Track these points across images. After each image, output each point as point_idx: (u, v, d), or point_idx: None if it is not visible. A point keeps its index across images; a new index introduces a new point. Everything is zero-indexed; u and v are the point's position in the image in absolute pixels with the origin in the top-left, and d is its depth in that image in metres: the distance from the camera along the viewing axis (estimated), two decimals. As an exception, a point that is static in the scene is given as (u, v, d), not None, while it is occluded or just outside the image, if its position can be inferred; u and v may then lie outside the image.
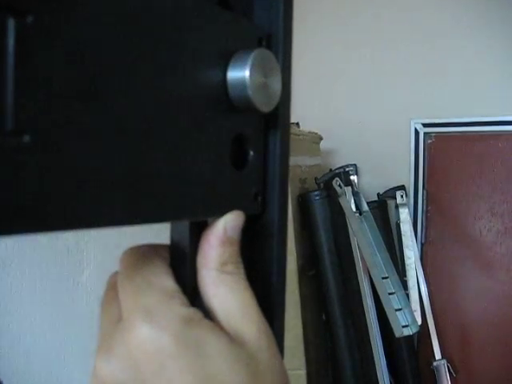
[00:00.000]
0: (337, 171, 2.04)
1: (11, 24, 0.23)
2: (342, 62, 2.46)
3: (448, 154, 2.22)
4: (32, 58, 0.24)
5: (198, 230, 0.37)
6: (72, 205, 0.27)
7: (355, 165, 2.20)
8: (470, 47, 2.24)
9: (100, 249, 1.19)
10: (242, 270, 0.37)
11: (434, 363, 2.14)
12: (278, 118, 0.41)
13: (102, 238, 1.22)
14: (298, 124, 2.06)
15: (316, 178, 1.93)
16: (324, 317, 1.91)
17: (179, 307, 0.33)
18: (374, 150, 2.30)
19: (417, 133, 2.24)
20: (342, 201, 1.79)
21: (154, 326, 0.32)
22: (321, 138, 2.20)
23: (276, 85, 0.39)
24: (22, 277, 1.06)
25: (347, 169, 2.06)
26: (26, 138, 0.24)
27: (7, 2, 0.23)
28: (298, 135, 1.91)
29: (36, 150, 0.24)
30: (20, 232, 0.24)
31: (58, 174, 0.26)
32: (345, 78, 2.44)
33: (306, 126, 2.07)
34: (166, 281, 0.35)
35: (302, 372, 1.73)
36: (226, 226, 0.37)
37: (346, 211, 1.78)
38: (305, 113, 2.02)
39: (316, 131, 2.15)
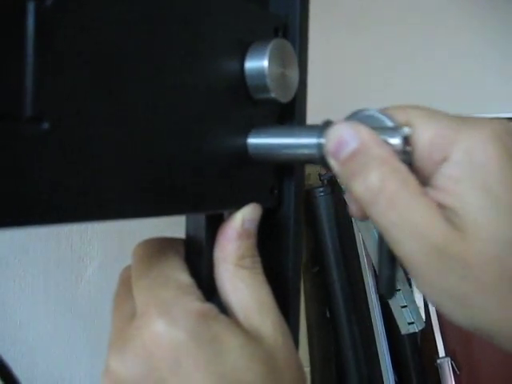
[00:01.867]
0: (341, 168, 2.03)
1: (31, 7, 0.23)
2: (352, 58, 2.45)
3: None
4: (51, 41, 0.23)
5: (214, 223, 0.37)
6: (89, 195, 0.26)
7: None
8: (467, 46, 2.23)
9: (103, 245, 1.18)
10: (259, 265, 0.37)
11: (438, 360, 2.13)
12: (294, 109, 0.41)
13: (106, 234, 1.22)
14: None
15: (320, 175, 1.93)
16: (328, 313, 1.91)
17: (195, 302, 0.33)
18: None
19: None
20: (346, 197, 1.78)
21: (170, 321, 0.31)
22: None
23: (294, 75, 0.38)
24: (24, 273, 1.05)
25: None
26: (45, 126, 0.23)
27: None
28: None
29: (55, 137, 0.24)
30: (37, 223, 0.24)
31: (77, 163, 0.25)
32: (349, 73, 2.44)
33: (314, 119, 2.07)
34: (181, 275, 0.35)
35: (306, 369, 1.73)
36: (243, 219, 0.36)
37: (350, 208, 1.78)
38: (309, 108, 2.02)
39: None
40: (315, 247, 1.85)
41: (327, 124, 0.34)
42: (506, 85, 2.16)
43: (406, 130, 0.33)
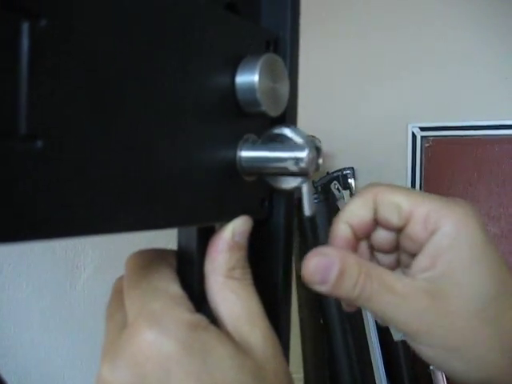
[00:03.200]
0: (334, 174, 2.04)
1: (25, 27, 0.23)
2: (339, 66, 2.46)
3: (445, 158, 2.22)
4: (45, 61, 0.24)
5: (206, 235, 0.37)
6: (82, 211, 0.26)
7: (352, 168, 2.20)
8: (467, 51, 2.24)
9: (97, 253, 1.18)
10: (249, 276, 0.37)
11: (431, 367, 2.13)
12: (285, 122, 0.41)
13: (100, 241, 1.22)
14: (295, 127, 2.05)
15: (314, 182, 1.93)
16: (322, 320, 1.91)
17: (185, 314, 0.33)
18: (371, 154, 2.30)
19: (414, 137, 2.24)
20: (340, 204, 1.79)
21: (159, 331, 0.32)
22: (318, 141, 2.20)
23: (284, 89, 0.39)
24: (19, 280, 1.05)
25: (345, 172, 2.06)
26: (39, 144, 0.24)
27: (21, 6, 0.23)
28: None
29: (48, 154, 0.24)
30: (30, 239, 0.24)
31: (70, 180, 0.25)
32: (342, 82, 2.44)
33: (304, 129, 2.07)
34: (172, 286, 0.35)
35: (300, 375, 1.73)
36: (234, 231, 0.37)
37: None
38: (302, 116, 2.02)
39: (313, 134, 2.15)
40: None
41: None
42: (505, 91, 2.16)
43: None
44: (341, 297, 0.41)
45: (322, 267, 0.40)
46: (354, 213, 0.45)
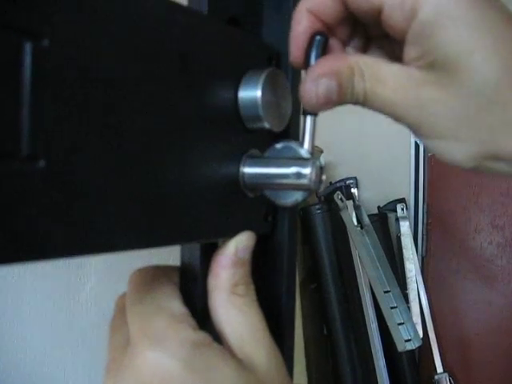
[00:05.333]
0: (337, 184, 2.03)
1: (28, 47, 0.23)
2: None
3: (448, 167, 2.21)
4: (48, 81, 0.24)
5: (209, 251, 0.37)
6: (84, 231, 0.26)
7: (355, 178, 2.20)
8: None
9: (100, 264, 1.18)
10: (252, 292, 0.37)
11: (436, 376, 2.13)
12: (288, 137, 0.41)
13: (103, 252, 1.21)
14: (298, 137, 2.05)
15: (317, 192, 1.93)
16: (325, 331, 1.91)
17: (188, 331, 0.33)
18: (374, 163, 2.29)
19: (417, 145, 2.24)
20: (343, 214, 1.78)
21: (162, 350, 0.32)
22: (321, 152, 2.20)
23: (287, 104, 0.39)
24: (22, 292, 1.05)
25: (348, 182, 2.06)
26: (41, 164, 0.24)
27: (23, 26, 0.23)
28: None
29: (50, 174, 0.24)
30: (32, 259, 0.24)
31: (72, 200, 0.25)
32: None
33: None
34: (174, 304, 0.35)
35: (304, 387, 1.72)
36: (237, 247, 0.36)
37: (347, 225, 1.78)
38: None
39: (316, 144, 2.15)
40: (312, 264, 1.85)
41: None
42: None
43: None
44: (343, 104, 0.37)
45: (321, 91, 0.35)
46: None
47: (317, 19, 0.37)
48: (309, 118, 0.37)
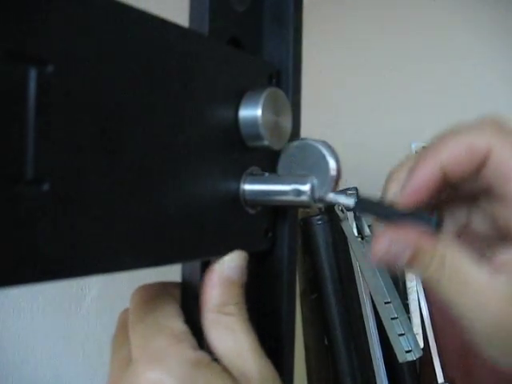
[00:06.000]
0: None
1: (33, 73, 0.24)
2: (342, 88, 2.47)
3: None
4: (52, 107, 0.24)
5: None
6: (87, 251, 0.27)
7: (356, 188, 2.20)
8: (469, 69, 2.25)
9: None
10: (243, 311, 0.37)
11: (437, 387, 2.12)
12: (288, 155, 0.41)
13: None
14: (299, 147, 2.05)
15: (318, 202, 1.93)
16: (326, 341, 1.90)
17: (188, 351, 0.33)
18: (374, 173, 2.29)
19: (417, 155, 2.24)
20: (344, 225, 1.79)
21: (162, 370, 0.32)
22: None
23: (287, 123, 0.39)
24: (24, 303, 1.05)
25: (349, 192, 2.06)
26: (46, 187, 0.24)
27: (29, 52, 0.23)
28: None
29: (55, 197, 0.25)
30: (38, 280, 0.24)
31: (75, 222, 0.26)
32: (345, 101, 2.45)
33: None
34: (175, 323, 0.35)
35: (304, 397, 1.72)
36: (224, 267, 0.36)
37: (348, 236, 1.78)
38: (306, 136, 2.02)
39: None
40: (313, 275, 1.85)
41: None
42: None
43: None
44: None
45: (393, 251, 0.36)
46: (454, 157, 0.36)
47: (441, 174, 0.36)
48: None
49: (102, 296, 1.18)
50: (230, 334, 0.35)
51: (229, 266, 0.36)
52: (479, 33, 2.25)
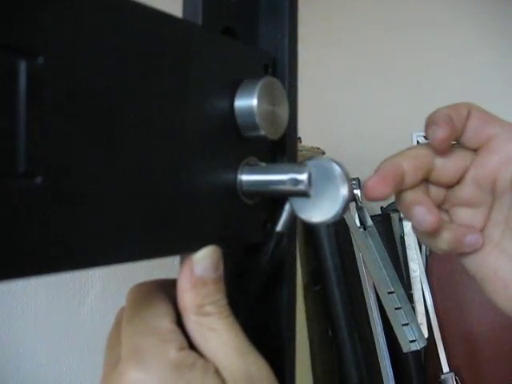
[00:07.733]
0: (340, 186, 2.03)
1: (22, 66, 0.23)
2: (343, 77, 2.46)
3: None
4: (43, 99, 0.24)
5: None
6: (83, 244, 0.26)
7: (358, 178, 2.20)
8: (470, 60, 2.24)
9: (105, 271, 1.18)
10: (223, 308, 0.35)
11: (442, 376, 2.12)
12: (285, 144, 0.41)
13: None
14: (299, 139, 2.06)
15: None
16: (330, 332, 1.91)
17: (170, 352, 0.33)
18: (376, 164, 2.29)
19: (419, 145, 2.24)
20: (346, 216, 1.79)
21: (144, 370, 0.32)
22: (323, 153, 2.21)
23: (283, 112, 0.39)
24: (28, 300, 1.06)
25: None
26: (38, 180, 0.24)
27: (18, 45, 0.23)
28: (301, 150, 1.91)
29: (47, 190, 0.24)
30: (31, 274, 0.24)
31: (69, 215, 0.26)
32: (346, 92, 2.45)
33: (308, 141, 2.08)
34: (163, 322, 0.34)
35: (309, 388, 1.72)
36: (194, 268, 0.35)
37: (350, 227, 1.78)
38: (306, 128, 2.02)
39: (318, 146, 2.16)
40: (316, 266, 1.85)
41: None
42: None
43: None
44: None
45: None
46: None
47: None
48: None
49: (105, 292, 1.18)
50: (213, 335, 0.34)
51: (199, 266, 0.35)
52: (479, 25, 2.24)
